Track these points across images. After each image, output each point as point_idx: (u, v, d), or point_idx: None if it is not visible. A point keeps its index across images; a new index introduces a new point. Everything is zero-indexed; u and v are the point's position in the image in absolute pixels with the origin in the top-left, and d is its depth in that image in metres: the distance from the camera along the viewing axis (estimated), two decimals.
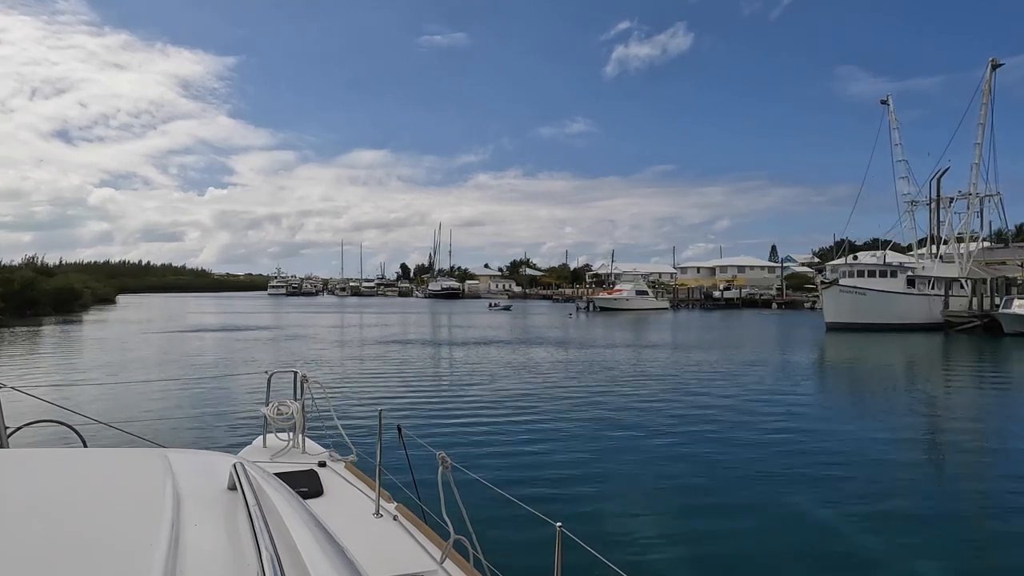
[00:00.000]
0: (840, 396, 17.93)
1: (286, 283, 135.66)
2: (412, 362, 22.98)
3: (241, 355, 24.50)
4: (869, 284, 43.03)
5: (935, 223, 49.57)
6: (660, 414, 13.68)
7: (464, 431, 11.88)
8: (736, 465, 9.77)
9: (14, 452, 3.10)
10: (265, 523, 1.44)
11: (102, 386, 15.76)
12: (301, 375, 5.04)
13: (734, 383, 18.28)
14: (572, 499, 8.09)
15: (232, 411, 13.30)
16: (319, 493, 3.82)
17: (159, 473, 1.91)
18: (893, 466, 10.05)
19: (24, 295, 50.22)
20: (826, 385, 20.00)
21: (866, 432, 12.43)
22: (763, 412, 14.04)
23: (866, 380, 20.90)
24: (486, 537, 3.05)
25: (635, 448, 10.76)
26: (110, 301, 78.29)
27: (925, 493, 8.82)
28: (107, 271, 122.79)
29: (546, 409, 14.17)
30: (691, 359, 24.52)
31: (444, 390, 16.93)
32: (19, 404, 5.18)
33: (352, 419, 10.60)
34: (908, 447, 11.60)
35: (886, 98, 50.20)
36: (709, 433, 11.93)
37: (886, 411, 14.85)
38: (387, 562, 2.94)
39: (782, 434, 12.02)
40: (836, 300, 42.38)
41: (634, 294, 72.62)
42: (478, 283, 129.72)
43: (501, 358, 24.19)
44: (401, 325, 45.71)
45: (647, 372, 20.77)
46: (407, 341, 31.64)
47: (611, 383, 18.06)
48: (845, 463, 9.99)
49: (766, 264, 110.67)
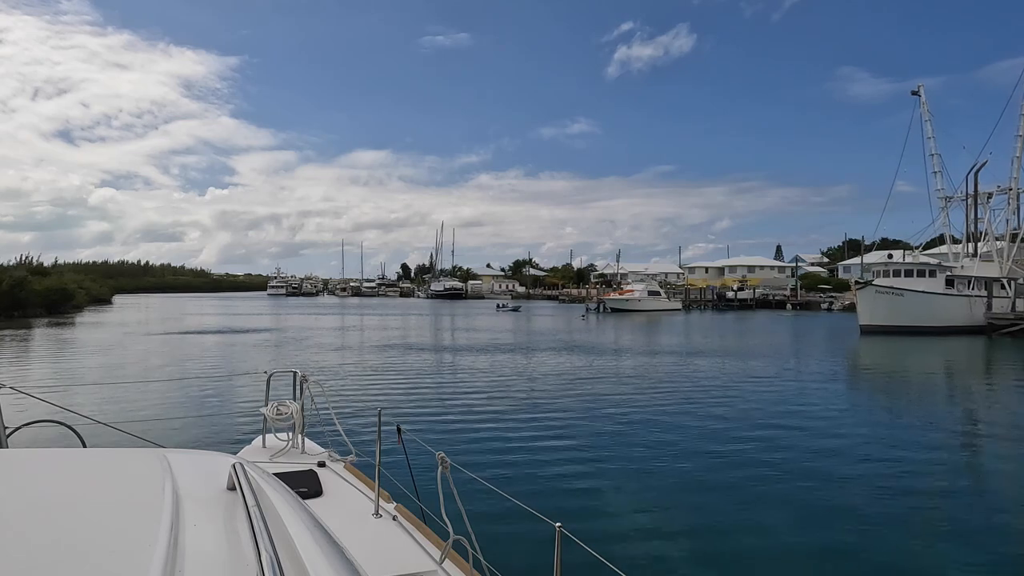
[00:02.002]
0: (884, 408, 15.68)
1: (286, 283, 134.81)
2: (421, 368, 21.70)
3: (240, 365, 23.03)
4: (906, 284, 40.39)
5: (972, 220, 46.87)
6: (668, 416, 13.61)
7: (464, 431, 11.89)
8: (744, 467, 9.73)
9: (13, 452, 3.10)
10: (264, 523, 1.44)
11: (101, 386, 15.75)
12: (300, 375, 5.05)
13: (765, 390, 17.02)
14: (572, 499, 8.09)
15: (232, 411, 13.29)
16: (318, 493, 3.82)
17: (158, 473, 1.91)
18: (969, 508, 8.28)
19: (13, 296, 48.63)
20: (868, 395, 17.97)
21: (929, 455, 10.74)
22: (784, 420, 13.12)
23: (915, 391, 18.72)
24: (485, 537, 3.05)
25: (635, 449, 10.76)
26: (106, 302, 77.00)
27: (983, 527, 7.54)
28: (104, 271, 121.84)
29: (546, 409, 14.17)
30: (717, 366, 22.48)
31: (443, 390, 16.92)
32: (19, 404, 5.17)
33: (351, 419, 10.61)
34: (980, 478, 9.93)
35: (917, 88, 46.99)
36: (718, 435, 11.84)
37: (943, 429, 13.02)
38: (386, 562, 2.95)
39: (792, 438, 11.97)
40: (872, 301, 39.85)
41: (646, 295, 70.29)
42: (481, 283, 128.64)
43: (520, 367, 21.93)
44: (407, 328, 43.53)
45: (678, 379, 19.08)
46: (415, 346, 29.62)
47: (628, 388, 17.13)
48: (875, 473, 9.62)
49: (776, 264, 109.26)
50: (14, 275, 51.65)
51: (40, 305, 51.89)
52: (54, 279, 60.40)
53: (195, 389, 16.20)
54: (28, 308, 49.97)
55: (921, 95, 46.76)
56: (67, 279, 64.90)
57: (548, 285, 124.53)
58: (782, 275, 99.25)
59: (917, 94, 47.05)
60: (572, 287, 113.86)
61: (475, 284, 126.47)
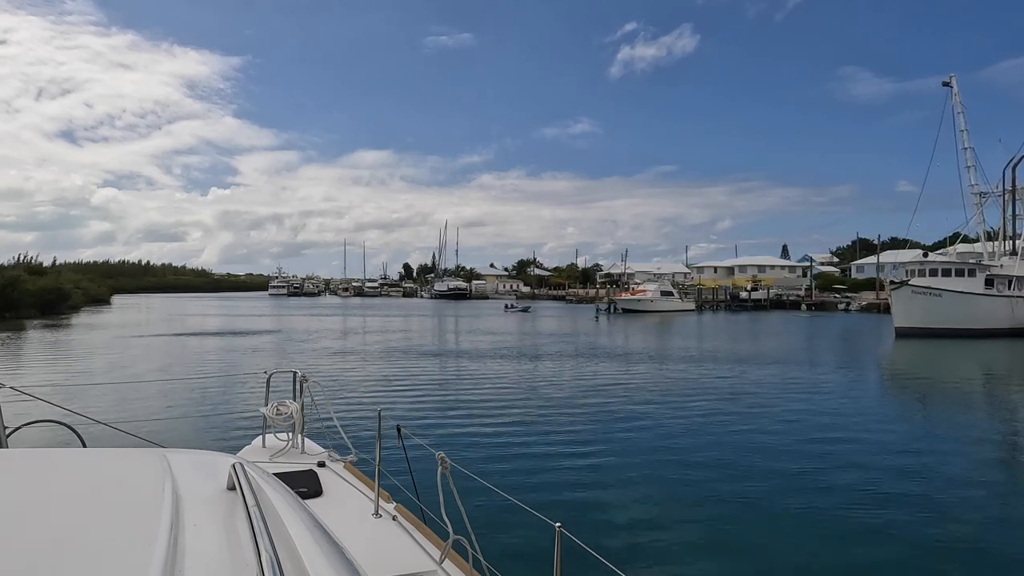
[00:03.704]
0: (942, 420, 14.12)
1: (287, 283, 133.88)
2: (426, 371, 20.78)
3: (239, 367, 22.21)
4: (944, 284, 38.25)
5: (1010, 216, 44.82)
6: (682, 422, 13.43)
7: (464, 432, 11.88)
8: (746, 471, 9.71)
9: (13, 452, 3.10)
10: (264, 523, 1.44)
11: (101, 386, 15.75)
12: (300, 375, 5.05)
13: (802, 400, 15.69)
14: (571, 499, 8.09)
15: (231, 411, 13.30)
16: (318, 493, 3.82)
17: (158, 473, 1.91)
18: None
19: (5, 295, 46.86)
20: (919, 406, 16.30)
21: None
22: (827, 434, 12.04)
23: (975, 402, 17.08)
24: (485, 537, 3.05)
25: (636, 449, 10.76)
26: (104, 302, 75.28)
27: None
28: (104, 271, 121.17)
29: (545, 409, 14.16)
30: (749, 373, 20.66)
31: (443, 391, 16.92)
32: (18, 404, 5.17)
33: (351, 419, 10.60)
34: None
35: (949, 79, 44.33)
36: (726, 437, 11.75)
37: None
38: (386, 562, 2.95)
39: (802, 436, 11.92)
40: (907, 302, 37.69)
41: (659, 295, 68.17)
42: (485, 283, 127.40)
43: (537, 372, 19.97)
44: (415, 330, 41.33)
45: (703, 386, 17.78)
46: (427, 351, 27.03)
47: (649, 394, 16.15)
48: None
49: (787, 263, 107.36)
50: (7, 274, 50.21)
51: (34, 305, 49.99)
52: (50, 279, 58.67)
53: (195, 389, 16.19)
54: (21, 308, 48.03)
55: (953, 86, 44.10)
56: (64, 279, 63.31)
57: (553, 285, 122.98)
58: (792, 275, 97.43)
59: (949, 85, 44.41)
60: (578, 287, 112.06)
61: (479, 284, 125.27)
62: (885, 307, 62.66)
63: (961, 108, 43.78)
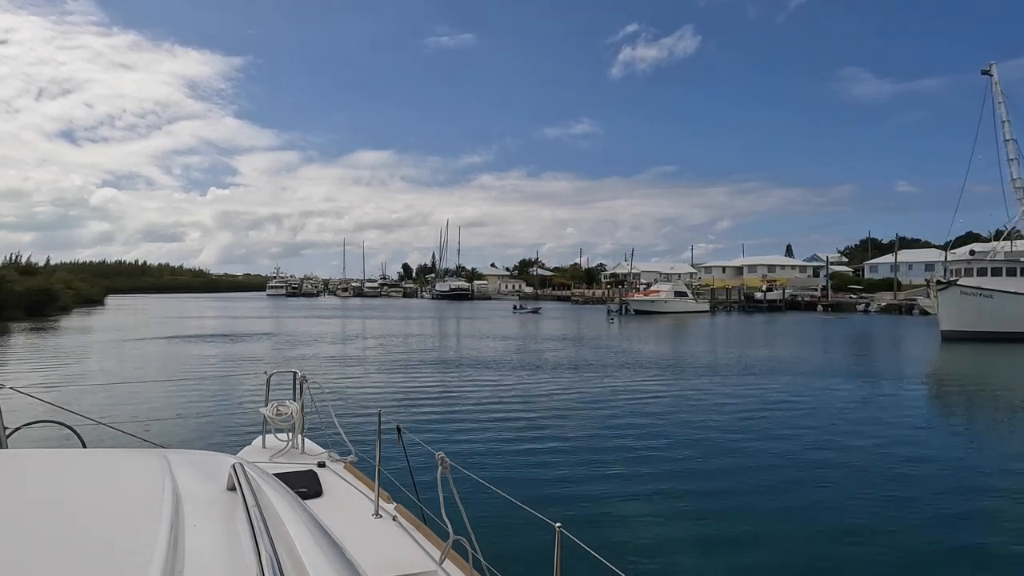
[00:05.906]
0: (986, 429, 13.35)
1: (285, 283, 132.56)
2: (432, 377, 19.21)
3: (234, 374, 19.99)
4: (994, 284, 36.00)
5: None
6: (679, 421, 13.49)
7: (463, 432, 11.88)
8: (747, 470, 9.71)
9: (13, 453, 3.10)
10: (264, 524, 1.44)
11: (101, 386, 15.74)
12: (300, 375, 5.05)
13: (852, 413, 14.18)
14: (572, 500, 8.09)
15: (231, 411, 13.29)
16: (318, 494, 3.82)
17: (158, 474, 1.91)
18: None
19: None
20: (983, 418, 14.86)
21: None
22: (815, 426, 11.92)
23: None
24: (485, 537, 3.05)
25: (636, 450, 10.76)
26: (97, 303, 72.77)
27: None
28: (100, 271, 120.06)
29: (545, 410, 14.16)
30: (789, 382, 18.92)
31: (444, 391, 16.91)
32: (18, 404, 5.17)
33: (351, 420, 10.60)
34: None
35: (989, 67, 41.28)
36: (727, 441, 11.68)
37: None
38: (386, 563, 2.95)
39: (806, 438, 11.91)
40: (956, 304, 35.47)
41: (672, 295, 65.81)
42: (486, 283, 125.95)
43: (566, 390, 16.83)
44: (418, 334, 38.42)
45: (742, 396, 16.22)
46: (443, 362, 23.25)
47: (682, 403, 15.01)
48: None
49: (798, 263, 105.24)
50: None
51: (20, 307, 47.54)
52: (41, 279, 56.52)
53: (195, 389, 16.19)
54: (6, 310, 45.27)
55: (993, 74, 41.01)
56: (56, 279, 60.82)
57: (556, 285, 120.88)
58: (803, 275, 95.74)
59: (988, 73, 41.32)
60: (583, 287, 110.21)
61: (481, 284, 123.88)
62: (906, 308, 62.67)
63: (1002, 97, 40.85)
